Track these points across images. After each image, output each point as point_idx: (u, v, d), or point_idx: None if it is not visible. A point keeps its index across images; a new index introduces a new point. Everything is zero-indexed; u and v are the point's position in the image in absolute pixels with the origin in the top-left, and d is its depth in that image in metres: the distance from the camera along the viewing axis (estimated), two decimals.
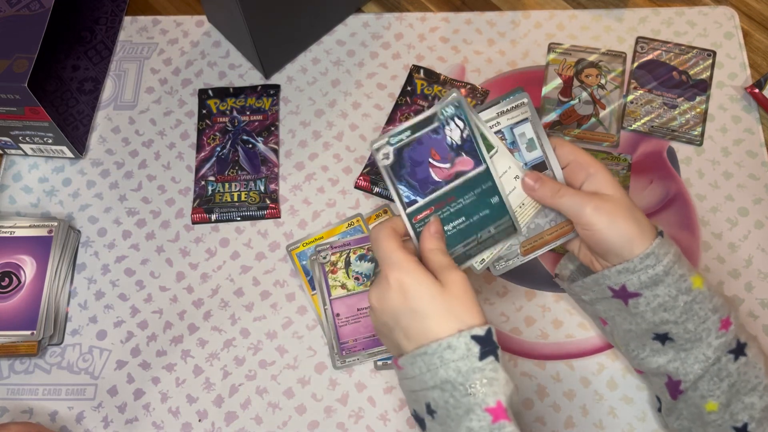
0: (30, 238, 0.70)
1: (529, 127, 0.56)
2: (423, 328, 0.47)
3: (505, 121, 0.56)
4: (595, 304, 0.57)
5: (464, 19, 0.82)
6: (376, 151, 0.52)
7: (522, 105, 0.56)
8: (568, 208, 0.53)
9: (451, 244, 0.54)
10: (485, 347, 0.46)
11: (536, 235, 0.57)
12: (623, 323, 0.56)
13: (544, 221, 0.57)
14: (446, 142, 0.53)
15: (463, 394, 0.45)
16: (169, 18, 0.84)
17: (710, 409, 0.53)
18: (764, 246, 0.69)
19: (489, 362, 0.46)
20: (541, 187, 0.54)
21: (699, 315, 0.52)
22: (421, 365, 0.46)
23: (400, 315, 0.48)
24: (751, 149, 0.74)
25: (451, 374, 0.45)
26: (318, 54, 0.81)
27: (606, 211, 0.52)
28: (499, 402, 0.45)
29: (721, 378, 0.52)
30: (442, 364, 0.45)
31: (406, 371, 0.48)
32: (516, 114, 0.56)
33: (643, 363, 0.56)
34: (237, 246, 0.72)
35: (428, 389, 0.47)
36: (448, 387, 0.46)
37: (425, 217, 0.52)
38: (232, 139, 0.76)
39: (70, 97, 0.79)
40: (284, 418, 0.65)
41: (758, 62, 0.79)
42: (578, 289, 0.58)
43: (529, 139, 0.56)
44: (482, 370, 0.45)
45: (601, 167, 0.54)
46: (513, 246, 0.57)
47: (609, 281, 0.53)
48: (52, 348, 0.69)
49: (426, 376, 0.46)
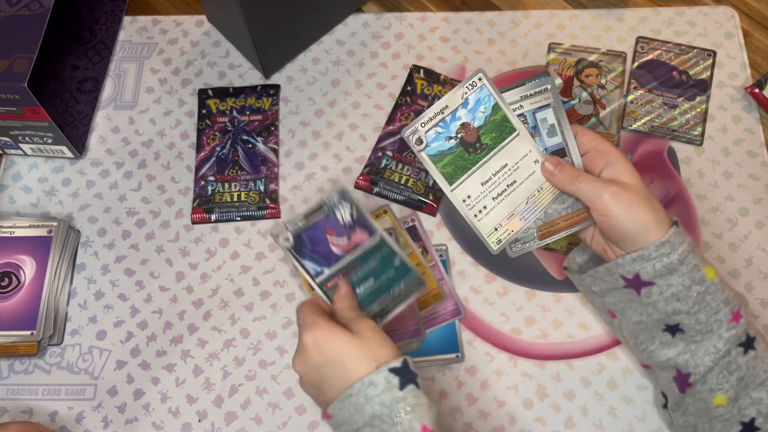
0: (30, 238, 0.70)
1: (551, 113, 0.57)
2: (344, 373, 0.50)
3: (528, 105, 0.56)
4: (605, 296, 0.58)
5: (464, 19, 0.82)
6: (276, 237, 0.58)
7: (546, 90, 0.56)
8: (586, 193, 0.54)
9: (367, 303, 0.58)
10: (404, 377, 0.49)
11: (552, 220, 0.58)
12: (633, 315, 0.56)
13: (561, 207, 0.58)
14: (339, 222, 0.60)
15: (390, 425, 0.48)
16: (168, 18, 0.84)
17: (718, 403, 0.53)
18: (764, 246, 0.69)
19: (410, 390, 0.49)
20: (561, 172, 0.55)
21: (711, 306, 0.52)
22: (349, 407, 0.49)
23: (321, 371, 0.51)
24: (751, 149, 0.74)
25: (377, 408, 0.48)
26: (318, 54, 0.81)
27: (624, 199, 0.52)
28: (425, 426, 0.48)
29: (730, 371, 0.52)
30: (367, 401, 0.48)
31: (336, 419, 0.50)
32: (539, 99, 0.56)
33: (652, 356, 0.56)
34: (237, 246, 0.72)
35: (360, 429, 0.49)
36: (376, 422, 0.48)
37: (334, 284, 0.58)
38: (232, 139, 0.76)
39: (70, 97, 0.79)
40: (284, 418, 0.65)
41: (758, 62, 0.79)
42: (589, 280, 0.58)
43: (550, 125, 0.57)
44: (404, 398, 0.48)
45: (620, 156, 0.55)
46: (530, 229, 0.58)
47: (623, 270, 0.54)
48: (51, 348, 0.69)
49: (355, 416, 0.49)
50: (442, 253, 0.70)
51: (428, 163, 0.54)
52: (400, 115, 0.76)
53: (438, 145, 0.54)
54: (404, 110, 0.76)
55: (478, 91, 0.54)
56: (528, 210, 0.57)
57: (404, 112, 0.76)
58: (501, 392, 0.65)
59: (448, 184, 0.55)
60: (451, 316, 0.67)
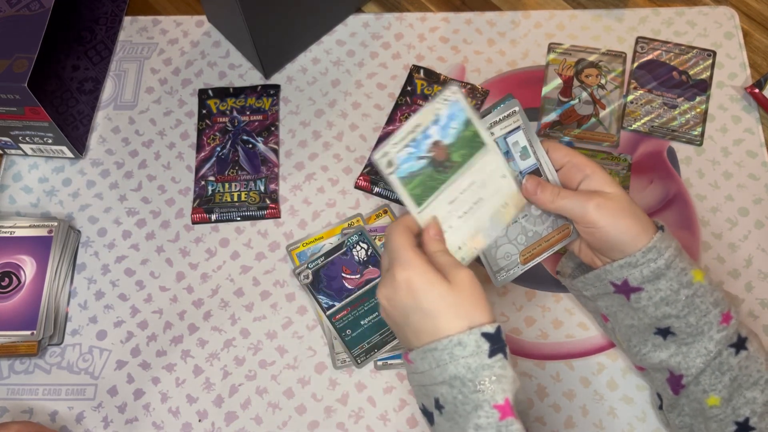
0: (30, 238, 0.70)
1: (521, 135, 0.56)
2: (433, 326, 0.47)
3: (499, 131, 0.55)
4: (597, 300, 0.58)
5: (464, 19, 0.82)
6: (297, 275, 0.67)
7: (513, 113, 0.56)
8: (569, 209, 0.53)
9: (369, 335, 0.66)
10: (494, 345, 0.46)
11: (535, 242, 0.57)
12: (625, 319, 0.56)
13: (541, 228, 0.57)
14: (354, 260, 0.68)
15: (471, 390, 0.45)
16: (169, 18, 0.84)
17: (712, 403, 0.53)
18: (764, 246, 0.69)
19: (498, 359, 0.46)
20: (542, 192, 0.54)
21: (700, 308, 0.52)
22: (431, 361, 0.47)
23: (409, 314, 0.48)
24: (751, 149, 0.74)
25: (461, 370, 0.46)
26: (318, 54, 0.81)
27: (608, 209, 0.52)
28: (507, 399, 0.45)
29: (722, 372, 0.52)
30: (451, 360, 0.46)
31: (416, 365, 0.48)
32: (508, 123, 0.56)
33: (645, 358, 0.56)
34: (237, 246, 0.72)
35: (437, 384, 0.47)
36: (457, 383, 0.46)
37: (343, 316, 0.67)
38: (232, 139, 0.76)
39: (70, 97, 0.79)
40: (284, 418, 0.65)
41: (758, 62, 0.79)
42: (580, 285, 0.58)
43: (522, 147, 0.56)
44: (491, 367, 0.46)
45: (596, 167, 0.54)
46: (512, 255, 0.57)
47: (611, 276, 0.54)
48: (52, 348, 0.69)
49: (435, 371, 0.46)
50: None
51: (398, 186, 0.51)
52: (400, 115, 0.76)
53: (408, 166, 0.51)
54: (404, 110, 0.77)
55: (452, 105, 0.52)
56: (492, 227, 0.55)
57: (404, 112, 0.76)
58: None
59: (416, 206, 0.51)
60: None
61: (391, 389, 0.65)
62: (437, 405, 0.47)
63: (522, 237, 0.57)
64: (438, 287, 0.47)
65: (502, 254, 0.57)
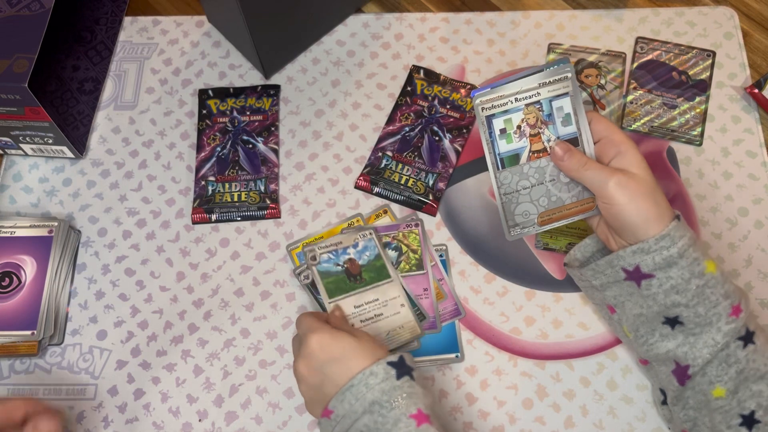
0: (30, 238, 0.70)
1: (568, 102, 0.57)
2: (347, 368, 0.53)
3: (546, 92, 0.56)
4: (606, 290, 0.58)
5: (464, 19, 0.82)
6: (298, 275, 0.69)
7: (565, 79, 0.56)
8: (592, 180, 0.55)
9: None
10: (400, 369, 0.53)
11: (555, 208, 0.58)
12: (634, 308, 0.56)
13: (566, 196, 0.58)
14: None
15: (388, 409, 0.51)
16: (169, 18, 0.85)
17: (717, 395, 0.53)
18: (764, 246, 0.69)
19: (405, 381, 0.53)
20: (570, 158, 0.56)
21: (710, 299, 0.53)
22: (350, 398, 0.52)
23: (324, 367, 0.54)
24: (750, 149, 0.74)
25: (377, 395, 0.52)
26: (318, 54, 0.81)
27: (628, 188, 0.53)
28: (420, 409, 0.51)
29: (729, 364, 0.53)
30: (368, 389, 0.52)
31: (336, 413, 0.53)
32: (557, 87, 0.56)
33: (652, 349, 0.56)
34: (237, 246, 0.72)
35: (359, 417, 0.52)
36: (376, 408, 0.51)
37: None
38: (232, 139, 0.76)
39: (71, 98, 0.79)
40: (284, 418, 0.65)
41: (758, 62, 0.79)
42: (590, 274, 0.58)
43: (566, 114, 0.57)
44: (401, 387, 0.52)
45: (631, 146, 0.55)
46: (530, 215, 0.58)
47: (623, 262, 0.54)
48: (52, 348, 0.69)
49: (356, 405, 0.52)
50: (442, 253, 0.70)
51: (316, 276, 0.67)
52: (400, 115, 0.76)
53: (328, 266, 0.67)
54: (404, 110, 0.77)
55: (368, 241, 0.68)
56: (387, 341, 0.64)
57: (404, 112, 0.77)
58: (501, 392, 0.65)
59: (328, 297, 0.66)
60: (451, 316, 0.68)
61: None
62: None
63: (545, 200, 0.58)
64: (344, 339, 0.55)
65: (521, 211, 0.59)
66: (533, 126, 0.57)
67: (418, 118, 0.76)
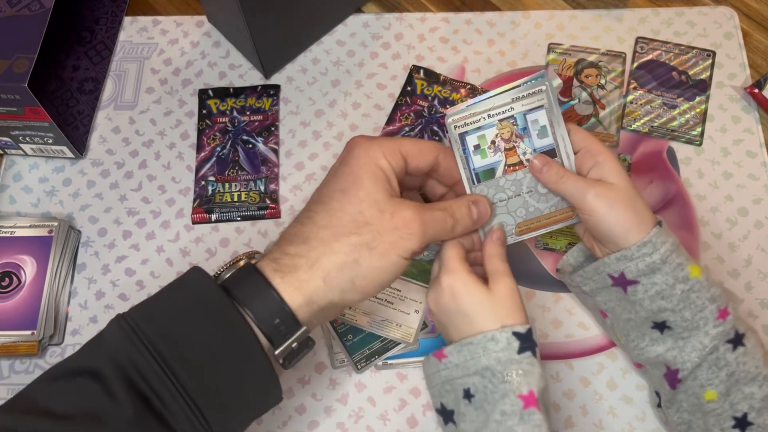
0: (30, 238, 0.70)
1: (543, 114, 0.57)
2: (470, 325, 0.52)
3: (520, 107, 0.57)
4: (596, 295, 0.59)
5: (464, 19, 0.82)
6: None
7: (540, 92, 0.56)
8: (571, 192, 0.55)
9: (370, 341, 0.65)
10: (524, 343, 0.51)
11: (534, 218, 0.59)
12: (623, 313, 0.57)
13: (544, 206, 0.58)
14: None
15: (500, 380, 0.50)
16: (169, 18, 0.84)
17: (709, 398, 0.53)
18: (764, 246, 0.69)
19: (526, 356, 0.51)
20: (548, 171, 0.56)
21: (696, 304, 0.53)
22: (466, 353, 0.52)
23: (451, 315, 0.54)
24: (750, 149, 0.74)
25: (492, 362, 0.51)
26: (318, 54, 0.81)
27: (607, 199, 0.53)
28: (532, 391, 0.50)
29: (719, 367, 0.53)
30: (484, 353, 0.51)
31: (449, 359, 0.53)
32: (532, 101, 0.57)
33: (643, 353, 0.57)
34: (237, 246, 0.72)
35: (469, 375, 0.52)
36: (488, 374, 0.51)
37: None
38: (232, 139, 0.76)
39: (71, 97, 0.79)
40: (284, 418, 0.65)
41: (758, 62, 0.79)
42: (579, 280, 0.59)
43: (541, 126, 0.57)
44: (519, 362, 0.51)
45: (609, 156, 0.55)
46: (508, 225, 0.59)
47: (609, 269, 0.55)
48: (52, 348, 0.69)
49: (469, 363, 0.52)
50: None
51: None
52: (400, 115, 0.76)
53: None
54: (404, 110, 0.77)
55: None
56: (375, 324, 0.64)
57: (404, 112, 0.77)
58: None
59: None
60: None
61: (391, 389, 0.65)
62: (467, 395, 0.52)
63: (522, 210, 0.58)
64: (477, 293, 0.53)
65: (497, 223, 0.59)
66: (508, 140, 0.57)
67: (418, 118, 0.76)
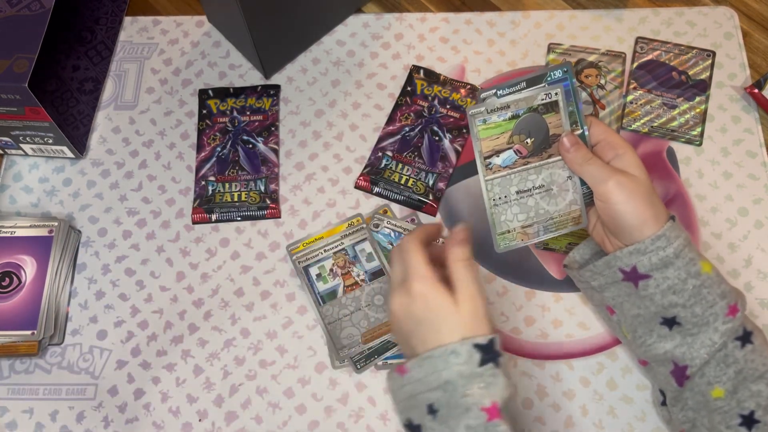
0: (30, 238, 0.70)
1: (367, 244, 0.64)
2: (435, 336, 0.50)
3: (348, 241, 0.66)
4: (604, 291, 0.58)
5: (464, 19, 0.82)
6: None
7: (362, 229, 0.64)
8: (592, 176, 0.55)
9: None
10: (486, 354, 0.49)
11: (375, 326, 0.64)
12: (632, 308, 0.56)
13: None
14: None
15: (461, 394, 0.48)
16: (169, 18, 0.85)
17: (716, 395, 0.53)
18: (764, 246, 0.69)
19: (488, 368, 0.49)
20: (576, 151, 0.56)
21: (707, 299, 0.53)
22: (427, 368, 0.50)
23: (420, 323, 0.51)
24: (750, 149, 0.74)
25: (453, 376, 0.49)
26: (318, 54, 0.81)
27: (626, 188, 0.53)
28: (495, 404, 0.48)
29: (727, 364, 0.53)
30: (445, 367, 0.49)
31: (411, 374, 0.50)
32: (357, 236, 0.65)
33: (650, 349, 0.56)
34: (237, 246, 0.72)
35: (432, 390, 0.49)
36: (449, 388, 0.49)
37: None
38: (232, 139, 0.76)
39: (71, 97, 0.79)
40: (284, 418, 0.65)
41: (758, 62, 0.79)
42: (588, 275, 0.59)
43: (368, 253, 0.65)
44: (481, 375, 0.49)
45: (629, 148, 0.56)
46: (354, 336, 0.64)
47: (620, 262, 0.55)
48: (52, 348, 0.69)
49: (431, 377, 0.49)
50: None
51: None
52: (400, 115, 0.76)
53: None
54: (404, 110, 0.77)
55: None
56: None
57: (404, 112, 0.77)
58: None
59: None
60: None
61: None
62: (431, 410, 0.49)
63: (364, 322, 0.65)
64: (445, 303, 0.51)
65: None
66: (342, 267, 0.68)
67: (418, 118, 0.76)
